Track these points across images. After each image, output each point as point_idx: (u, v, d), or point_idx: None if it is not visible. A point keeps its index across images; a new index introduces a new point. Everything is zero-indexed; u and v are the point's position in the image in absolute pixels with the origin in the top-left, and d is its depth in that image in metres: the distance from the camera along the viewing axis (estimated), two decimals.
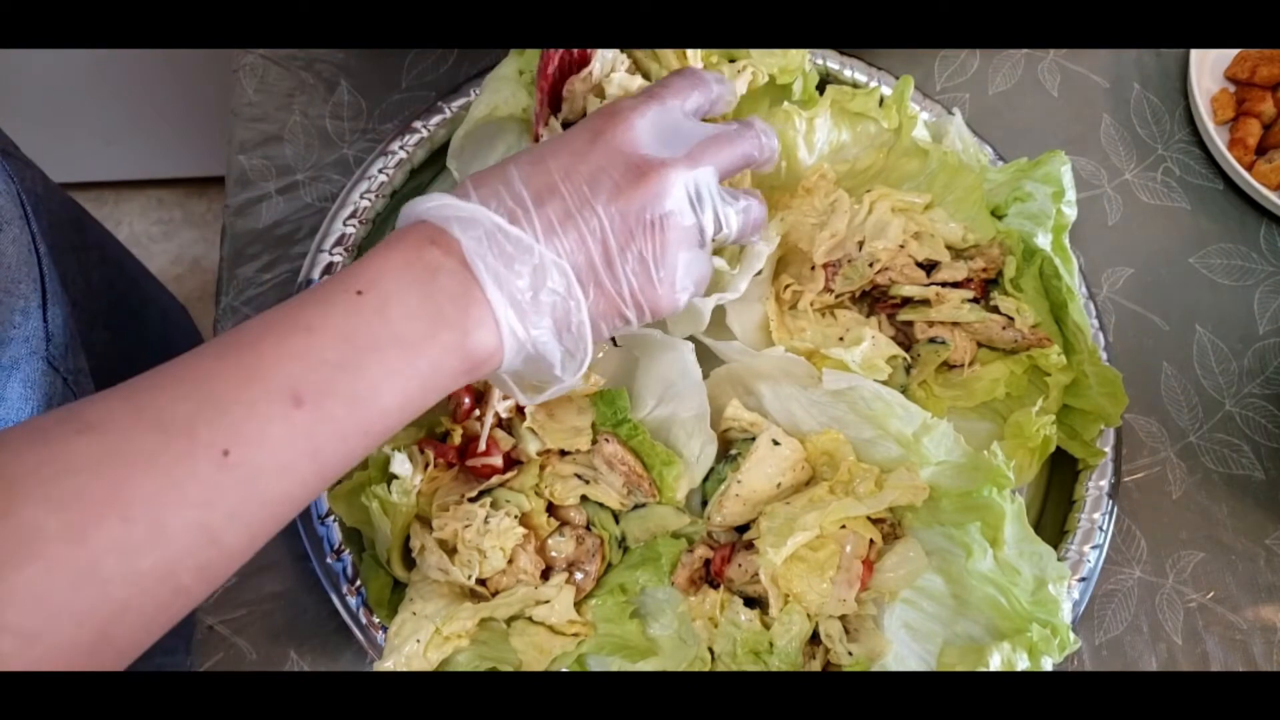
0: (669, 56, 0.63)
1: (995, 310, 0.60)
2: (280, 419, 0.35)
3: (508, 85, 0.62)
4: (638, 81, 0.61)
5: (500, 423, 0.55)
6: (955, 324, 0.59)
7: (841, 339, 0.59)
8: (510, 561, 0.53)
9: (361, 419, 0.38)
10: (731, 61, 0.64)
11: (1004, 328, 0.59)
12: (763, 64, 0.63)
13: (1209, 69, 0.78)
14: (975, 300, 0.60)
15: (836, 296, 0.61)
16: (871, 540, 0.51)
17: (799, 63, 0.63)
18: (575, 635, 0.53)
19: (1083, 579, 0.58)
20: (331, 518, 0.56)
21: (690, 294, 0.47)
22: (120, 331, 0.75)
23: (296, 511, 0.38)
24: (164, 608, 0.35)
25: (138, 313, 0.83)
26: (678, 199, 0.44)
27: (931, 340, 0.60)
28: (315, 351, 0.36)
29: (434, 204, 0.41)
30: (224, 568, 0.36)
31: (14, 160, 0.61)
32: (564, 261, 0.42)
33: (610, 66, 0.58)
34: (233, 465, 0.34)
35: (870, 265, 0.60)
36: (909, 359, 0.60)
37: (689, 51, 0.62)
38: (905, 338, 0.61)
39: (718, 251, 0.60)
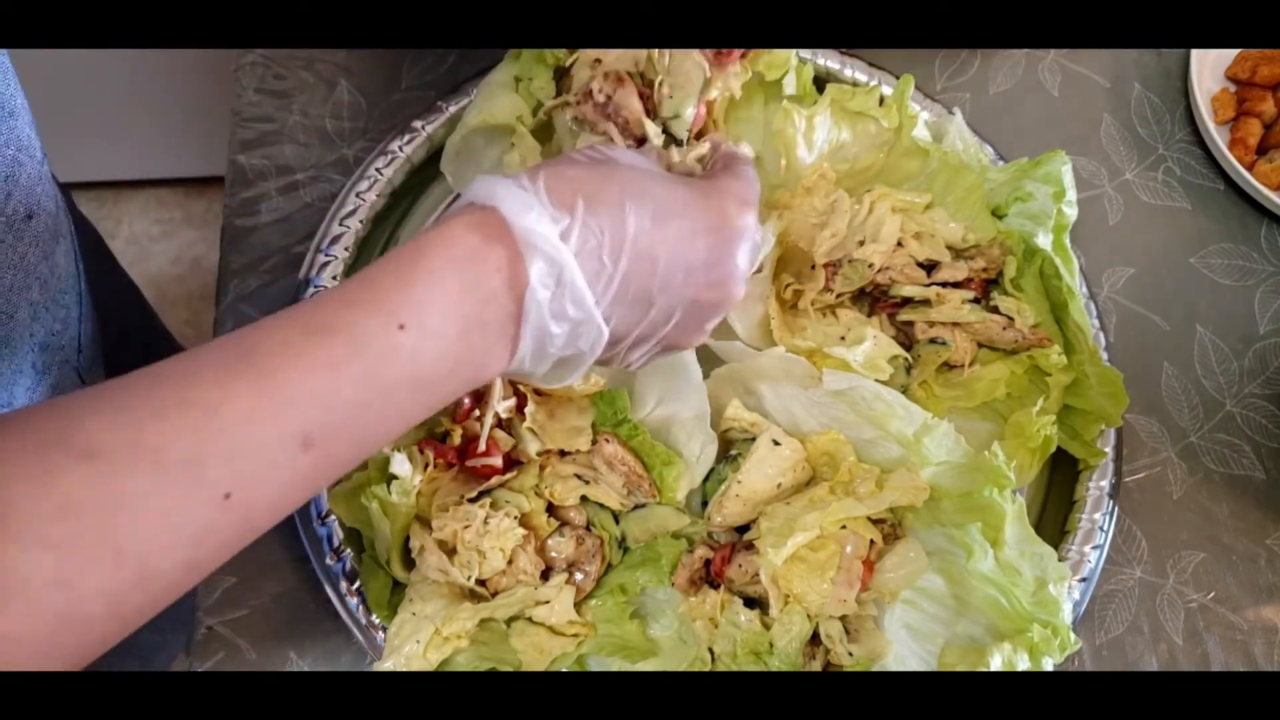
0: (640, 57, 0.63)
1: (996, 310, 0.60)
2: (287, 464, 0.33)
3: (504, 93, 0.62)
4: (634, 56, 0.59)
5: (500, 423, 0.55)
6: (956, 324, 0.59)
7: (843, 338, 0.59)
8: (510, 562, 0.53)
9: (363, 454, 0.37)
10: None
11: (1004, 328, 0.59)
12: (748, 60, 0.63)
13: (1209, 69, 0.78)
14: (976, 300, 0.60)
15: (837, 296, 0.61)
16: (872, 541, 0.51)
17: (785, 58, 0.63)
18: (575, 636, 0.53)
19: (1083, 579, 0.58)
20: (331, 518, 0.56)
21: None
22: (132, 354, 0.75)
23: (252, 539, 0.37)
24: (134, 627, 0.34)
25: (147, 343, 0.83)
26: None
27: (932, 340, 0.60)
28: (336, 392, 0.34)
29: (529, 224, 0.37)
30: (196, 583, 0.35)
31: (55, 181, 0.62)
32: (607, 329, 0.40)
33: None
34: (231, 507, 0.33)
35: (870, 266, 0.60)
36: (910, 359, 0.60)
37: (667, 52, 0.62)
38: (906, 338, 0.61)
39: None
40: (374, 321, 0.35)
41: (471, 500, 0.54)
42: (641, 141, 0.58)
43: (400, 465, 0.53)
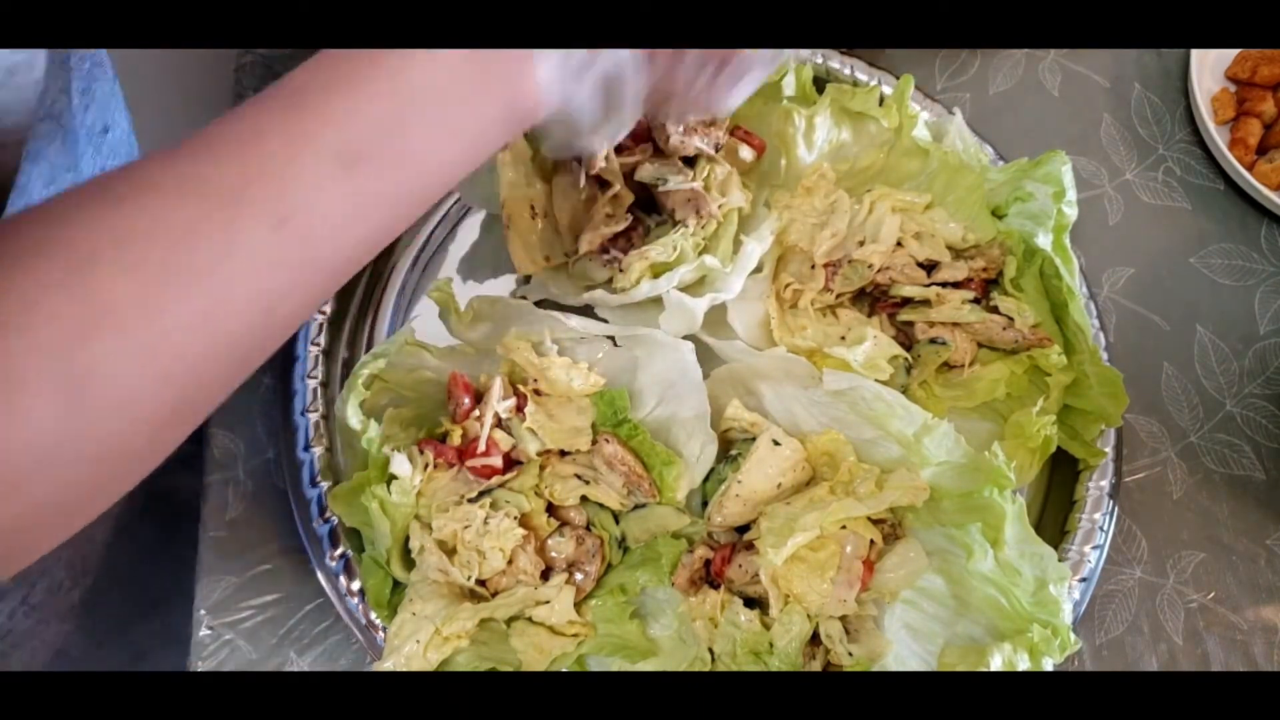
0: None
1: (995, 310, 0.60)
2: (331, 183, 0.34)
3: None
4: None
5: (500, 423, 0.55)
6: (956, 324, 0.59)
7: (843, 338, 0.59)
8: (510, 562, 0.53)
9: (412, 180, 0.37)
10: None
11: (1004, 328, 0.59)
12: None
13: (1209, 69, 0.78)
14: (976, 300, 0.60)
15: (837, 296, 0.61)
16: (872, 541, 0.51)
17: (784, 60, 0.63)
18: (575, 636, 0.53)
19: (1083, 579, 0.58)
20: (331, 517, 0.56)
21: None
22: None
23: (345, 280, 0.37)
24: (236, 374, 0.34)
25: None
26: None
27: (932, 340, 0.60)
28: (365, 108, 0.35)
29: None
30: (278, 339, 0.35)
31: None
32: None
33: None
34: (288, 233, 0.33)
35: (870, 266, 0.60)
36: (910, 359, 0.60)
37: None
38: (906, 338, 0.61)
39: (710, 250, 0.60)
40: None
41: (471, 500, 0.54)
42: (604, 184, 0.59)
43: (400, 465, 0.53)
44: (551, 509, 0.55)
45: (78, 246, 0.30)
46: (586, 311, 0.61)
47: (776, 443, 0.53)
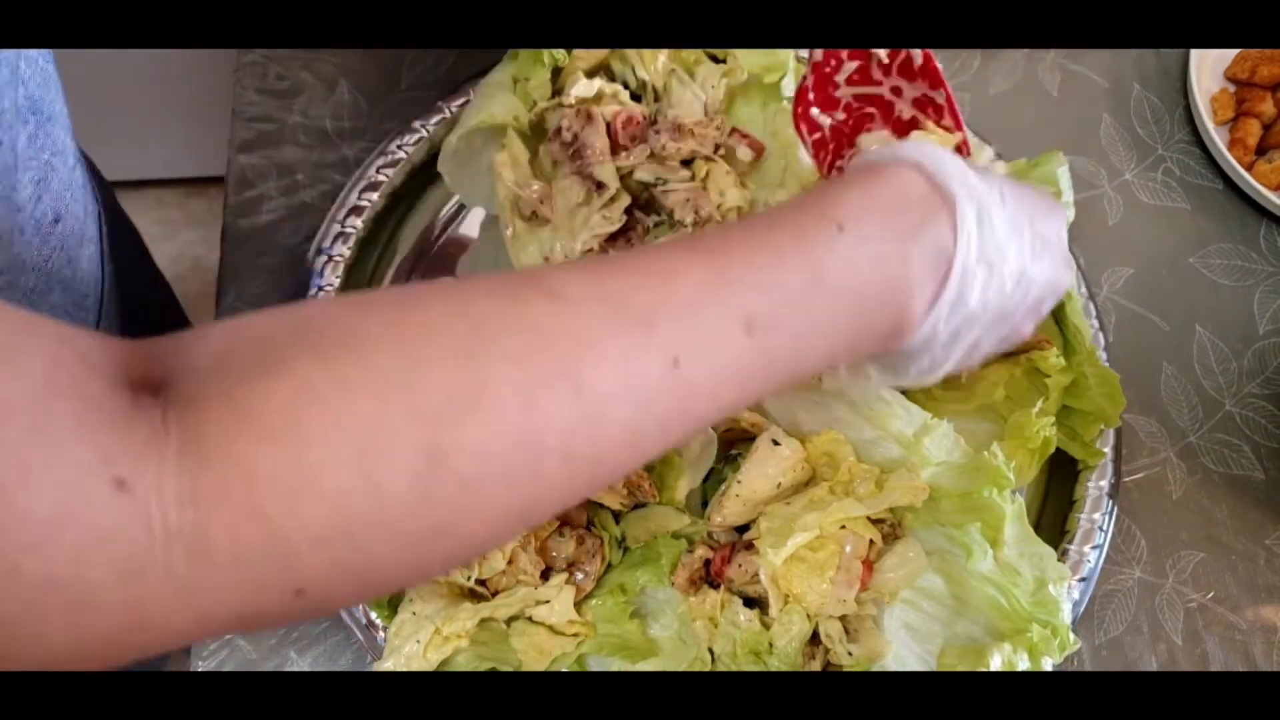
0: (629, 55, 0.63)
1: None
2: (728, 343, 0.33)
3: (502, 93, 0.62)
4: (596, 85, 0.61)
5: None
6: None
7: None
8: (510, 561, 0.53)
9: (791, 362, 0.36)
10: (715, 60, 0.64)
11: None
12: (745, 61, 0.63)
13: (1209, 69, 0.78)
14: None
15: None
16: (871, 541, 0.51)
17: (784, 60, 0.63)
18: (575, 635, 0.53)
19: (1083, 579, 0.58)
20: None
21: None
22: None
23: (683, 441, 0.36)
24: (576, 495, 0.33)
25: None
26: None
27: None
28: (781, 281, 0.34)
29: (944, 160, 0.38)
30: (626, 471, 0.35)
31: (97, 177, 0.61)
32: (1011, 281, 0.40)
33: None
34: (677, 376, 0.32)
35: None
36: None
37: (655, 52, 0.62)
38: None
39: None
40: (812, 219, 0.36)
41: None
42: (601, 185, 0.59)
43: None
44: None
45: (481, 328, 0.30)
46: None
47: (776, 443, 0.53)
